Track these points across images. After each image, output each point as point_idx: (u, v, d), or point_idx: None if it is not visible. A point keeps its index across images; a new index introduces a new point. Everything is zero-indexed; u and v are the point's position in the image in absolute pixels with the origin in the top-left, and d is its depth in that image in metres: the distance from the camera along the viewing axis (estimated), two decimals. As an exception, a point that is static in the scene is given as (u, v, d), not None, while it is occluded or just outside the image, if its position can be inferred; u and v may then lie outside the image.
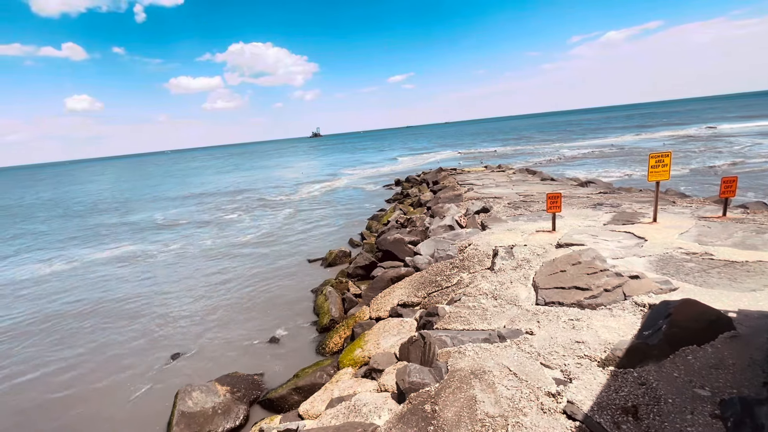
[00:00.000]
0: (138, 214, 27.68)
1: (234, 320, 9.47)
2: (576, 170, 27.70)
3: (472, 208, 12.35)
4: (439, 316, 5.92)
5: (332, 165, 57.77)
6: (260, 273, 12.76)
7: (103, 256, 16.88)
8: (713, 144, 34.55)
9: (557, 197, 8.40)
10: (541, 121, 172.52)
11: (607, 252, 6.87)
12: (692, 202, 10.59)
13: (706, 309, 3.98)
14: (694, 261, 6.12)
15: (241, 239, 17.72)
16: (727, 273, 5.54)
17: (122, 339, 9.07)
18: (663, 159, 7.89)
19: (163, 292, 11.90)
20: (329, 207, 23.94)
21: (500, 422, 3.43)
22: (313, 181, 38.47)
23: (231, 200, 30.71)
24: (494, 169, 24.59)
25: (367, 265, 10.73)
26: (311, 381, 6.10)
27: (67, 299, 12.03)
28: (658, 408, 3.22)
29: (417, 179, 28.01)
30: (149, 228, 22.49)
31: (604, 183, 17.19)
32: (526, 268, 6.90)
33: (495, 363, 4.29)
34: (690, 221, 8.32)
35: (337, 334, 7.57)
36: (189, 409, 5.64)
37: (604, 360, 4.04)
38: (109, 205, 34.30)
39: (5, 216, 33.74)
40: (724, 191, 7.99)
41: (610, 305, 5.13)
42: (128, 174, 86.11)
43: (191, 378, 7.13)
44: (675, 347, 3.81)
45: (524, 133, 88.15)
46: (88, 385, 7.41)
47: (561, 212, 9.46)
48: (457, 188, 17.75)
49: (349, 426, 3.92)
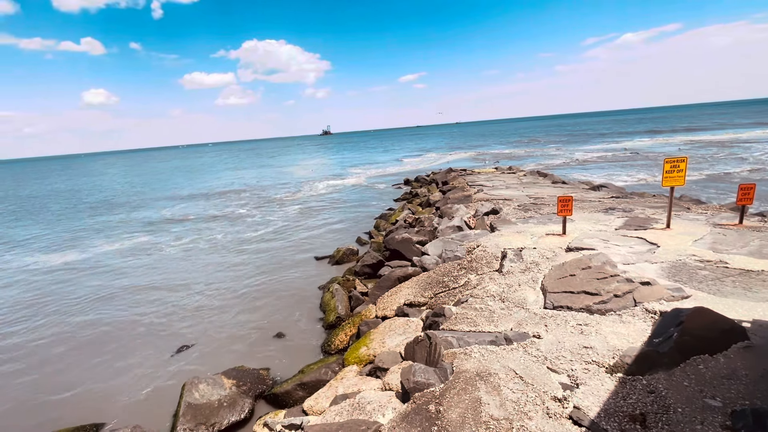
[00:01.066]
0: (148, 208, 28.09)
1: (241, 315, 9.56)
2: (588, 173, 27.33)
3: (481, 209, 12.27)
4: (446, 316, 5.90)
5: (342, 163, 57.90)
6: (268, 269, 12.86)
7: (112, 248, 17.18)
8: (731, 150, 33.78)
9: (568, 200, 8.30)
10: (554, 124, 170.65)
11: (618, 257, 6.78)
12: (708, 208, 10.38)
13: (719, 318, 3.90)
14: (708, 269, 5.99)
15: (249, 235, 17.88)
16: (742, 282, 5.42)
17: (130, 329, 9.21)
18: (678, 164, 7.75)
19: (170, 284, 12.06)
20: (338, 205, 24.01)
21: (505, 425, 3.40)
22: (322, 179, 38.61)
23: (240, 196, 31.00)
24: (504, 171, 24.40)
25: (374, 264, 10.74)
26: (316, 377, 6.14)
27: (77, 288, 12.27)
28: (666, 417, 3.17)
29: (426, 179, 27.93)
30: (158, 222, 22.82)
31: (616, 187, 16.94)
32: (535, 271, 6.83)
33: (501, 366, 4.26)
34: (705, 228, 8.16)
35: (343, 332, 7.59)
36: (195, 401, 5.71)
37: (613, 366, 3.98)
38: (120, 198, 34.85)
39: (18, 207, 34.53)
40: (741, 198, 7.81)
41: (619, 311, 5.05)
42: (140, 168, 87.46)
43: (197, 370, 7.22)
44: (686, 356, 3.74)
45: (536, 135, 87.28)
46: (94, 373, 7.56)
47: (572, 216, 9.36)
48: (466, 189, 17.66)
49: (353, 423, 3.93)
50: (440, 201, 16.77)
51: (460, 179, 21.35)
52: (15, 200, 39.68)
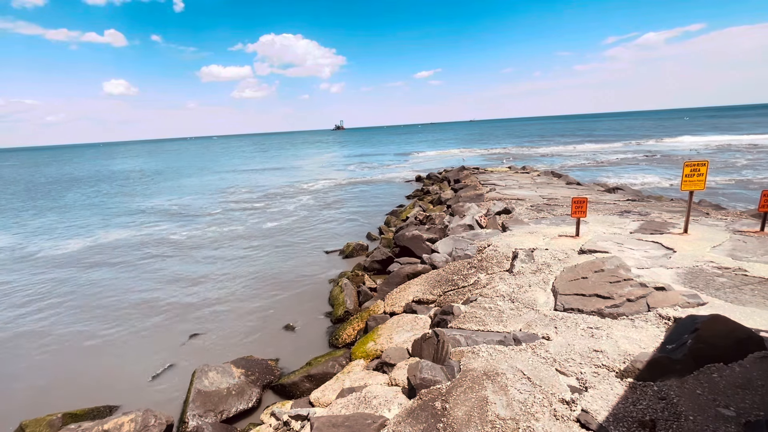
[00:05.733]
0: (159, 198, 28.60)
1: (251, 305, 9.70)
2: (604, 175, 26.84)
3: (493, 208, 12.17)
4: (454, 315, 5.88)
5: (354, 158, 57.95)
6: (278, 261, 13.01)
7: (124, 237, 17.58)
8: (755, 155, 32.75)
9: (583, 202, 8.17)
10: (571, 124, 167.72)
11: (632, 261, 6.65)
12: (728, 214, 10.10)
13: (736, 326, 3.81)
14: (726, 276, 5.84)
15: (260, 227, 18.08)
16: (762, 291, 5.27)
17: (143, 317, 9.43)
18: (699, 168, 7.55)
19: (182, 274, 12.29)
20: (348, 200, 24.07)
21: (511, 425, 3.39)
22: (334, 174, 38.74)
23: (252, 189, 31.32)
24: (518, 170, 24.12)
25: (383, 260, 10.76)
26: (323, 370, 6.20)
27: (92, 274, 12.60)
28: (677, 425, 3.11)
29: (438, 176, 27.80)
30: (170, 213, 23.22)
31: (632, 190, 16.60)
32: (546, 272, 6.76)
33: (509, 366, 4.24)
34: (724, 234, 7.95)
35: (351, 326, 7.64)
36: (205, 388, 5.83)
37: (623, 371, 3.93)
38: (133, 189, 35.50)
39: (35, 192, 35.53)
40: (763, 205, 7.57)
41: (632, 316, 4.97)
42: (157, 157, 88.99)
43: (207, 358, 7.36)
44: (700, 364, 3.66)
45: (552, 135, 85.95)
46: (107, 357, 7.78)
47: (586, 218, 9.21)
48: (478, 188, 17.51)
49: (359, 417, 3.96)
50: (452, 199, 16.68)
51: (473, 177, 21.19)
52: (31, 186, 40.86)
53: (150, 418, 5.26)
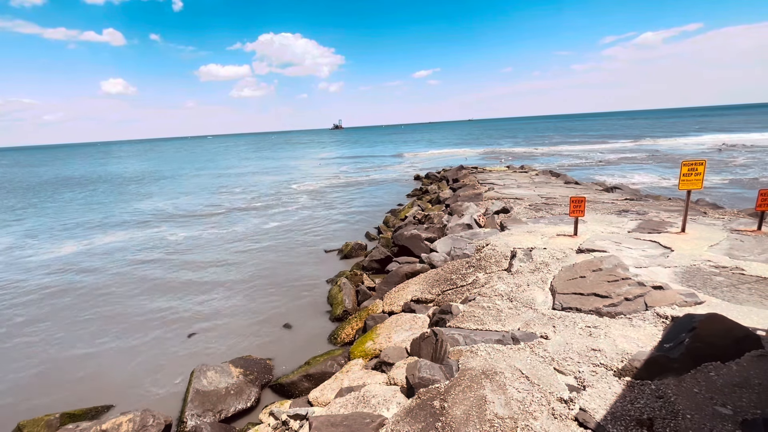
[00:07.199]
0: (157, 200, 28.52)
1: (249, 305, 9.69)
2: (602, 174, 26.89)
3: (491, 207, 12.18)
4: (453, 314, 5.89)
5: (352, 158, 57.91)
6: (276, 261, 12.99)
7: (122, 238, 17.52)
8: (752, 154, 32.87)
9: (581, 201, 8.19)
10: (569, 123, 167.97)
11: (630, 260, 6.67)
12: (725, 213, 10.13)
13: (733, 325, 3.83)
14: (724, 275, 5.86)
15: (258, 227, 18.05)
16: (759, 289, 5.29)
17: (141, 316, 9.41)
18: (696, 167, 7.57)
19: (182, 274, 12.26)
20: (347, 200, 24.06)
21: (509, 424, 3.40)
22: (332, 174, 38.71)
23: (250, 189, 31.27)
24: (516, 170, 24.15)
25: (382, 259, 10.76)
26: (322, 369, 6.20)
27: (91, 274, 12.56)
28: (675, 423, 3.12)
29: (437, 176, 27.81)
30: (167, 213, 23.17)
31: (630, 189, 16.65)
32: (545, 271, 6.77)
33: (507, 365, 4.24)
34: (721, 233, 7.98)
35: (350, 326, 7.64)
36: (203, 388, 5.83)
37: (621, 370, 3.94)
38: (132, 188, 35.42)
39: (32, 193, 35.40)
40: (760, 204, 7.60)
41: (630, 314, 4.99)
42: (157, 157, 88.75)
43: (206, 358, 7.35)
44: (697, 362, 3.68)
45: (550, 135, 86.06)
46: (106, 357, 7.75)
47: (584, 217, 9.23)
48: (477, 187, 17.53)
49: (357, 416, 3.97)
50: (450, 198, 16.69)
51: (471, 177, 21.21)
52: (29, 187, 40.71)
53: (148, 417, 5.25)
